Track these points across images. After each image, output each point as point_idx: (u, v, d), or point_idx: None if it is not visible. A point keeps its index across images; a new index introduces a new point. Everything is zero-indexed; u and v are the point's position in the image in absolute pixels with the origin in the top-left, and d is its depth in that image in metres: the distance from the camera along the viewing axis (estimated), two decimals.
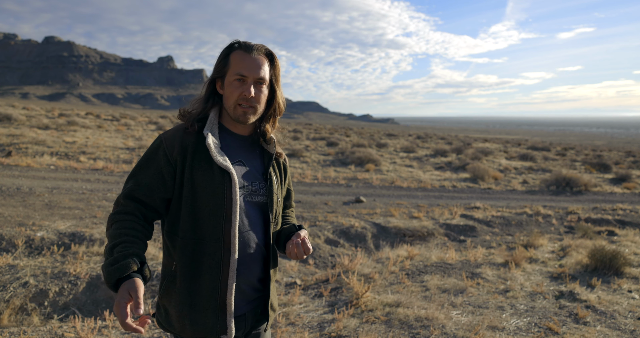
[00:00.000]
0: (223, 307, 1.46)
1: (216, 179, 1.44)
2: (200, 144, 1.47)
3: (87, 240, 5.34)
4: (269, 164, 1.59)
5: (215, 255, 1.45)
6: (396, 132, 56.65)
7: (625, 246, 6.38)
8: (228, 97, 1.50)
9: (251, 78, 1.48)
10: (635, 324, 3.77)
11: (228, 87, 1.49)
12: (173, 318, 1.48)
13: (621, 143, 67.79)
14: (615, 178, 16.98)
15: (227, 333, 1.47)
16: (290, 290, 4.47)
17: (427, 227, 7.76)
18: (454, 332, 3.45)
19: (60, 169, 10.79)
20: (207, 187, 1.44)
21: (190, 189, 1.45)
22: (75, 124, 21.17)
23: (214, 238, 1.44)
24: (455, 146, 26.41)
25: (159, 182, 1.45)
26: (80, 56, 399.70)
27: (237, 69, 1.47)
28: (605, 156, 27.71)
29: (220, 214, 1.44)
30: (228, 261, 1.45)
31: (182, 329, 1.47)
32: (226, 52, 1.51)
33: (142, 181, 1.45)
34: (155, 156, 1.47)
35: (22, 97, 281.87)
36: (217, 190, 1.44)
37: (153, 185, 1.45)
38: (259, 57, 1.50)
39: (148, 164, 1.47)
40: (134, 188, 1.44)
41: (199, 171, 1.44)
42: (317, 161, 16.84)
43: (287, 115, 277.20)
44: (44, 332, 3.36)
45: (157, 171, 1.45)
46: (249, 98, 1.48)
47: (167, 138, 1.48)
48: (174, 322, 1.48)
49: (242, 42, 1.52)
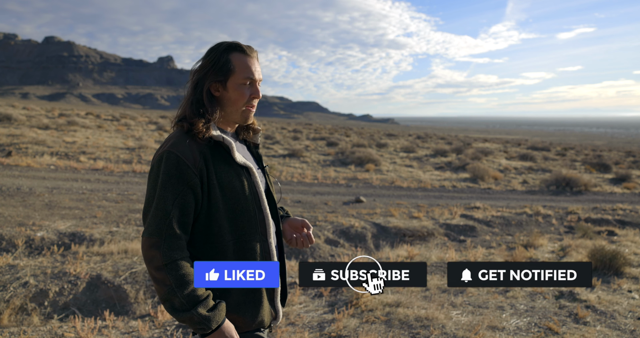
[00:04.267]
0: (271, 294, 1.56)
1: (240, 177, 1.49)
2: (215, 148, 1.48)
3: (87, 240, 5.34)
4: (259, 154, 1.67)
5: (257, 247, 1.50)
6: (396, 132, 56.67)
7: (625, 246, 6.38)
8: (237, 99, 1.51)
9: (258, 80, 1.55)
10: (635, 324, 3.77)
11: (236, 90, 1.50)
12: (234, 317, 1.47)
13: (621, 143, 67.81)
14: (615, 178, 16.98)
15: (277, 318, 1.59)
16: (290, 290, 4.47)
17: (427, 227, 7.76)
18: (454, 332, 3.45)
19: (60, 169, 10.79)
20: (234, 187, 1.47)
21: (220, 193, 1.44)
22: (75, 124, 21.17)
23: (252, 232, 1.49)
24: (455, 146, 26.41)
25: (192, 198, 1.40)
26: (81, 56, 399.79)
27: (245, 73, 1.50)
28: (605, 156, 27.71)
29: (252, 208, 1.50)
30: (268, 250, 1.53)
31: (242, 326, 1.49)
32: (226, 56, 1.49)
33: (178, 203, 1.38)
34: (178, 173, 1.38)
35: (22, 97, 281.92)
36: (243, 187, 1.48)
37: (188, 203, 1.40)
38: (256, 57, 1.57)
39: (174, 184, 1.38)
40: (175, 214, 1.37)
41: (221, 173, 1.46)
42: (317, 161, 16.84)
43: (287, 115, 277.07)
44: (44, 332, 3.36)
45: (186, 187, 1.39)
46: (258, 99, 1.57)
47: (182, 152, 1.40)
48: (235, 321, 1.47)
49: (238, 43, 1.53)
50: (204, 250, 1.46)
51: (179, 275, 1.33)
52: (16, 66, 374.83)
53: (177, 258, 1.34)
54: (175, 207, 1.37)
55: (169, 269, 1.32)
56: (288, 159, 16.76)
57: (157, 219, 1.36)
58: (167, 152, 1.40)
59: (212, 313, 1.34)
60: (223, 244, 1.46)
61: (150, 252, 1.34)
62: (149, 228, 1.36)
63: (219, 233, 1.45)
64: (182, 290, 1.32)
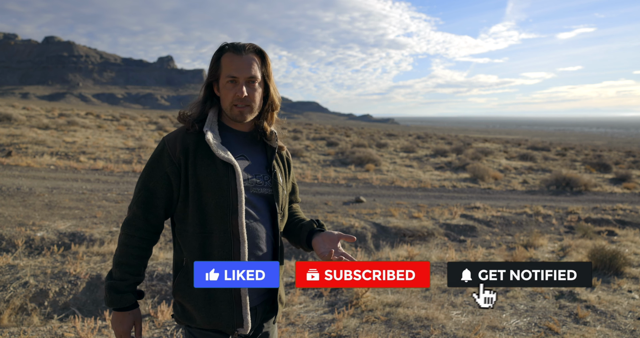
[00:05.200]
0: (238, 300, 1.49)
1: (220, 172, 1.49)
2: (201, 142, 1.53)
3: (87, 240, 5.34)
4: (272, 158, 1.63)
5: (225, 246, 1.48)
6: (396, 132, 56.66)
7: (625, 246, 6.38)
8: (224, 99, 1.55)
9: (242, 78, 1.51)
10: (635, 324, 3.77)
11: (222, 90, 1.54)
12: (191, 312, 1.52)
13: (621, 143, 67.80)
14: (615, 178, 16.98)
15: (244, 326, 1.50)
16: (290, 290, 4.47)
17: (427, 227, 7.75)
18: (454, 332, 3.45)
19: (60, 169, 10.79)
20: (211, 181, 1.48)
21: (195, 185, 1.49)
22: (75, 124, 21.17)
23: (222, 230, 1.49)
24: (455, 146, 26.40)
25: (165, 184, 1.52)
26: (81, 56, 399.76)
27: (228, 71, 1.51)
28: (605, 156, 27.70)
29: (226, 206, 1.48)
30: (238, 253, 1.49)
31: (200, 322, 1.51)
32: (217, 56, 1.55)
33: (150, 186, 1.53)
34: (160, 159, 1.54)
35: (22, 97, 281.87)
36: (221, 183, 1.48)
37: (160, 188, 1.53)
38: (248, 56, 1.53)
39: (153, 168, 1.54)
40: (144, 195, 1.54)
41: (202, 166, 1.49)
42: (317, 161, 16.84)
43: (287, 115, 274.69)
44: (44, 332, 3.36)
45: (162, 173, 1.52)
46: (242, 98, 1.52)
47: (169, 140, 1.54)
48: (194, 315, 1.51)
49: (231, 43, 1.55)
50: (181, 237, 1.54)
51: (119, 247, 1.54)
52: (16, 66, 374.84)
53: (128, 233, 1.53)
54: (144, 189, 1.53)
55: (119, 240, 1.55)
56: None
57: (133, 197, 1.57)
58: (161, 140, 1.57)
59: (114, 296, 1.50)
60: (194, 235, 1.50)
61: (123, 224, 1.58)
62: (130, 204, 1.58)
63: (192, 224, 1.50)
64: (114, 257, 1.54)
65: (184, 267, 1.53)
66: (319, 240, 1.56)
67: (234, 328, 1.50)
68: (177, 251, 1.59)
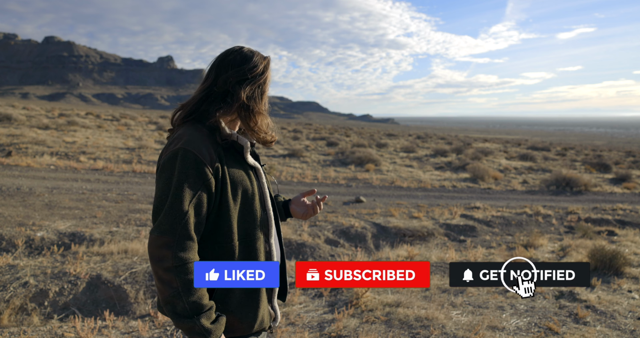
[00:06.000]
0: (270, 295, 1.57)
1: (250, 176, 1.50)
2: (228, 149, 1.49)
3: (87, 240, 5.34)
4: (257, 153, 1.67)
5: (261, 247, 1.51)
6: (396, 132, 56.66)
7: (625, 246, 6.38)
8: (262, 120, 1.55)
9: None
10: (635, 324, 3.77)
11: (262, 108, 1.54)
12: (232, 322, 1.45)
13: (621, 143, 67.79)
14: (615, 178, 16.98)
15: (276, 319, 1.61)
16: (290, 290, 4.47)
17: (427, 227, 7.76)
18: (454, 332, 3.45)
19: (60, 169, 10.79)
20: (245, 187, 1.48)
21: (231, 192, 1.43)
22: (75, 124, 21.17)
23: (256, 232, 1.50)
24: (455, 146, 26.41)
25: (207, 198, 1.37)
26: (80, 56, 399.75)
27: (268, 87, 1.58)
28: (605, 156, 27.71)
29: (257, 208, 1.51)
30: (270, 250, 1.53)
31: (245, 328, 1.47)
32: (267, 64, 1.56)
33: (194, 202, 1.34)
34: (196, 173, 1.34)
35: (22, 97, 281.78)
36: (253, 187, 1.50)
37: (203, 206, 1.36)
38: None
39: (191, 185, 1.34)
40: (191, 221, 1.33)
41: (234, 173, 1.46)
42: (317, 161, 16.84)
43: (287, 115, 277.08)
44: (44, 332, 3.36)
45: (203, 187, 1.36)
46: None
47: (199, 151, 1.36)
48: (234, 325, 1.45)
49: None
50: (212, 250, 1.43)
51: (188, 279, 1.28)
52: (16, 66, 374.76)
53: (188, 260, 1.29)
54: (191, 207, 1.32)
55: (178, 271, 1.27)
56: (288, 159, 16.75)
57: (171, 218, 1.30)
58: (182, 149, 1.34)
59: (214, 326, 1.31)
60: (231, 244, 1.44)
61: (160, 251, 1.28)
62: (161, 227, 1.29)
63: (228, 233, 1.43)
64: (189, 295, 1.28)
65: None
66: (293, 208, 1.75)
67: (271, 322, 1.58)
68: None
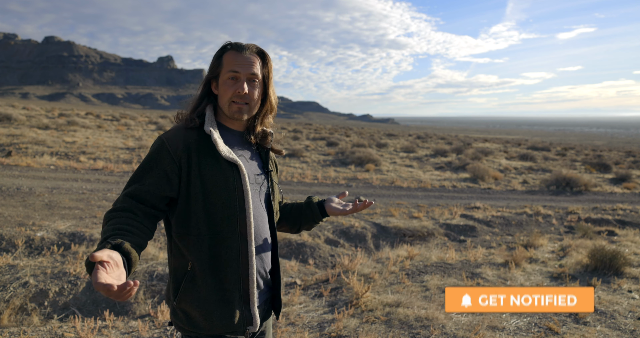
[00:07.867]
0: (246, 298, 1.51)
1: (225, 172, 1.48)
2: (203, 141, 1.50)
3: (87, 240, 5.34)
4: (267, 158, 1.66)
5: (233, 246, 1.48)
6: (396, 132, 56.64)
7: (625, 246, 6.38)
8: (222, 95, 1.54)
9: (244, 75, 1.52)
10: (635, 324, 3.77)
11: (222, 86, 1.54)
12: (198, 318, 1.47)
13: (621, 143, 67.78)
14: (615, 178, 16.97)
15: (253, 324, 1.52)
16: (290, 290, 4.47)
17: (427, 227, 7.75)
18: (454, 332, 3.45)
19: (60, 169, 10.79)
20: (217, 181, 1.47)
21: (200, 185, 1.46)
22: (75, 124, 21.16)
23: (230, 230, 1.47)
24: (455, 146, 26.40)
25: (163, 181, 1.44)
26: (80, 56, 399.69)
27: (230, 67, 1.52)
28: (605, 156, 27.70)
29: (233, 206, 1.48)
30: (246, 252, 1.49)
31: (210, 327, 1.47)
32: (219, 54, 1.56)
33: (145, 181, 1.43)
34: (158, 157, 1.46)
35: (22, 97, 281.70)
36: (227, 183, 1.47)
37: (157, 184, 1.43)
38: (250, 56, 1.55)
39: (151, 166, 1.46)
40: (136, 188, 1.42)
41: (206, 167, 1.47)
42: (317, 161, 16.84)
43: (287, 115, 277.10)
44: (44, 332, 3.36)
45: (161, 171, 1.45)
46: (242, 95, 1.52)
47: (169, 138, 1.49)
48: (200, 322, 1.47)
49: (234, 42, 1.57)
50: (183, 242, 1.47)
51: (102, 230, 1.31)
52: (16, 66, 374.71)
53: (112, 217, 1.35)
54: (137, 181, 1.44)
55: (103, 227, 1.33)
56: (288, 159, 16.75)
57: (129, 181, 1.46)
58: (158, 137, 1.51)
59: None
60: (199, 237, 1.46)
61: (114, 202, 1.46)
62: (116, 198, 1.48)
63: (196, 225, 1.46)
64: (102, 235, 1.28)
65: (189, 272, 1.48)
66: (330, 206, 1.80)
67: (244, 326, 1.50)
68: (177, 256, 1.51)
